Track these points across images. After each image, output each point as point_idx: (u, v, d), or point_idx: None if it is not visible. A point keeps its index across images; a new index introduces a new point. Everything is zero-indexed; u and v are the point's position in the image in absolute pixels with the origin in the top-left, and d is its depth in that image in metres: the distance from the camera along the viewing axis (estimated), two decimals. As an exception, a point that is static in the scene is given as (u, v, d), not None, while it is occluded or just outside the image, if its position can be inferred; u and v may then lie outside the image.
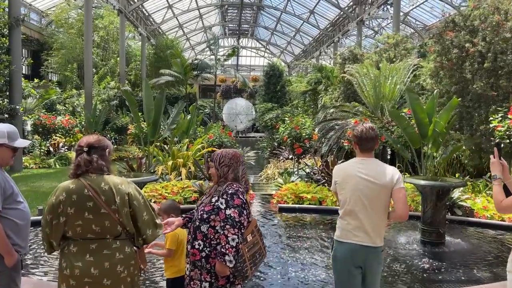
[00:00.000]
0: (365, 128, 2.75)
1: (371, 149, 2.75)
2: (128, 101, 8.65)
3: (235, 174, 2.61)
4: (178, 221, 2.75)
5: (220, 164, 2.63)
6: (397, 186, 2.62)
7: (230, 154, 2.64)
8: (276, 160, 14.81)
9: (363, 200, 2.63)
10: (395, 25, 17.68)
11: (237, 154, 2.65)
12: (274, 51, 46.50)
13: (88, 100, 17.60)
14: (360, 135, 2.73)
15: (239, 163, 2.63)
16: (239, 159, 2.64)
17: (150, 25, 28.99)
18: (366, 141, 2.72)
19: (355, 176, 2.67)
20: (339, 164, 2.87)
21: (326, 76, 19.84)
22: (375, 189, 2.62)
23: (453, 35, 9.25)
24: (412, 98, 7.96)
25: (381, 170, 2.67)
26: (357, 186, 2.65)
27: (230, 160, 2.61)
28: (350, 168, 2.73)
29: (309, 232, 6.00)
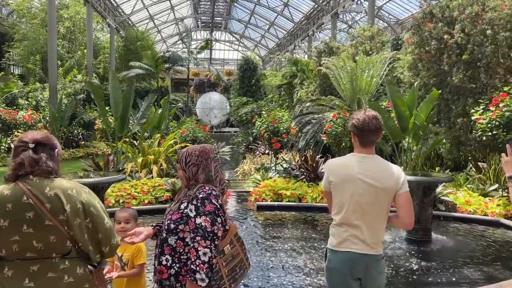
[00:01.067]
0: (368, 117, 2.33)
1: (373, 143, 2.35)
2: (93, 94, 8.04)
3: (206, 174, 2.19)
4: (147, 230, 2.33)
5: (187, 164, 2.21)
6: (402, 190, 2.26)
7: (198, 150, 2.22)
8: (252, 155, 14.44)
9: (363, 206, 2.26)
10: (370, 17, 17.57)
11: (206, 150, 2.23)
12: (248, 45, 45.96)
13: (52, 94, 16.65)
14: (361, 125, 2.30)
15: (210, 160, 2.21)
16: (209, 155, 2.22)
17: (119, 16, 27.88)
18: (368, 133, 2.31)
19: (354, 177, 2.28)
20: (335, 160, 2.45)
21: (302, 70, 19.59)
22: (376, 193, 2.25)
23: (432, 26, 9.09)
24: (393, 90, 7.73)
25: (383, 170, 2.29)
26: (356, 190, 2.27)
27: (198, 158, 2.19)
28: (350, 167, 2.32)
29: (290, 231, 5.65)
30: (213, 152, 2.27)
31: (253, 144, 15.89)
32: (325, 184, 2.46)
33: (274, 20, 35.36)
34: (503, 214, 6.18)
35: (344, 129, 8.97)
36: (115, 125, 8.21)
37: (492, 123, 6.68)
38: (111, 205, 6.43)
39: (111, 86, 8.10)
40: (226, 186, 2.31)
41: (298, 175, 8.13)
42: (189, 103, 31.13)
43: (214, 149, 2.28)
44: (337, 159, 2.46)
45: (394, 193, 2.26)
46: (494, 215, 6.22)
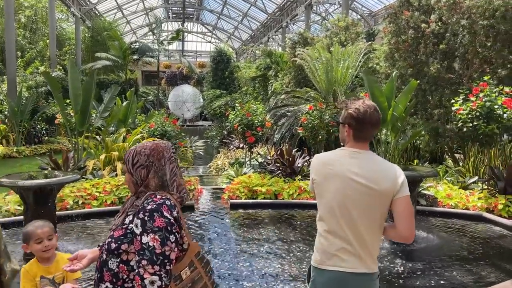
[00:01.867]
0: (369, 107, 1.92)
1: (369, 139, 1.96)
2: (50, 85, 7.36)
3: (159, 178, 1.73)
4: (92, 253, 1.86)
5: (134, 165, 1.73)
6: (401, 194, 1.85)
7: (148, 149, 1.74)
8: (226, 150, 13.96)
9: (352, 211, 1.85)
10: (344, 7, 17.30)
11: (160, 148, 1.76)
12: (221, 37, 45.15)
13: (11, 87, 15.61)
14: (362, 116, 1.89)
15: (164, 161, 1.74)
16: (163, 155, 1.75)
17: (84, 5, 26.60)
18: (369, 126, 1.92)
19: (343, 176, 1.87)
20: (321, 155, 2.02)
21: (276, 62, 19.21)
22: (369, 196, 1.84)
23: (409, 15, 8.83)
24: (371, 81, 7.41)
25: (380, 170, 1.88)
26: (345, 190, 1.86)
27: (148, 158, 1.72)
28: (337, 164, 1.90)
29: (266, 232, 5.23)
30: (169, 151, 1.80)
31: (227, 138, 15.40)
32: (310, 184, 2.04)
33: (247, 11, 34.74)
34: (484, 207, 5.98)
35: (320, 122, 8.63)
36: (75, 119, 7.55)
37: (472, 113, 6.48)
38: (69, 207, 5.83)
39: (70, 77, 7.42)
40: (186, 193, 1.85)
41: (274, 170, 7.72)
42: (161, 96, 30.22)
43: (172, 146, 1.75)
44: (324, 154, 2.02)
45: (392, 197, 1.85)
46: (476, 209, 6.01)
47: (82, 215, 5.75)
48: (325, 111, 8.91)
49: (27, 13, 22.91)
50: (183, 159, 13.11)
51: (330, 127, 8.67)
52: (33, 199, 3.94)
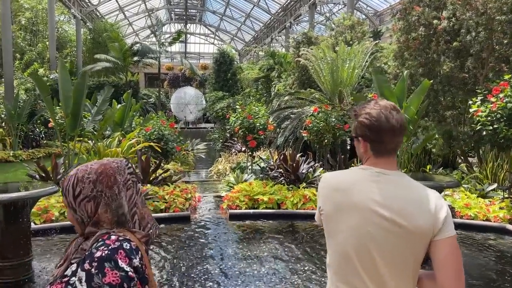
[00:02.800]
0: (385, 108, 1.39)
1: (394, 150, 1.43)
2: (38, 87, 6.93)
3: (113, 212, 1.25)
4: None
5: (76, 198, 1.25)
6: (444, 234, 1.32)
7: (94, 173, 1.25)
8: (228, 153, 13.49)
9: (375, 257, 1.34)
10: (350, 6, 16.82)
11: (109, 169, 1.27)
12: (224, 38, 44.75)
13: (8, 89, 15.25)
14: (376, 122, 1.37)
15: (117, 187, 1.26)
16: (116, 178, 1.27)
17: (85, 7, 26.26)
18: (387, 134, 1.38)
19: (363, 207, 1.36)
20: (334, 174, 1.51)
21: (279, 62, 18.78)
22: (398, 236, 1.32)
23: (420, 11, 8.32)
24: (380, 80, 6.93)
25: (413, 198, 1.36)
26: (364, 228, 1.35)
27: (95, 186, 1.24)
28: (354, 189, 1.39)
29: (268, 247, 4.74)
30: (124, 172, 1.32)
31: (229, 141, 14.94)
32: (317, 214, 1.55)
33: (250, 11, 34.32)
34: (507, 218, 5.46)
35: (326, 124, 8.14)
36: (66, 123, 7.11)
37: (492, 115, 5.97)
38: (54, 218, 5.38)
39: (60, 78, 6.98)
40: (155, 227, 1.36)
41: (276, 177, 7.24)
42: (163, 98, 29.83)
43: (128, 164, 1.22)
44: (336, 174, 1.51)
45: (430, 238, 1.33)
46: (498, 220, 5.49)
47: (67, 228, 5.28)
48: (331, 113, 8.41)
49: (27, 15, 22.60)
50: (184, 162, 12.66)
51: (336, 130, 8.18)
52: (3, 216, 3.48)
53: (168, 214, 5.86)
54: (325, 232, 1.47)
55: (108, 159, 1.34)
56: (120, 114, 9.44)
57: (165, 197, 6.14)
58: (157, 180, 6.83)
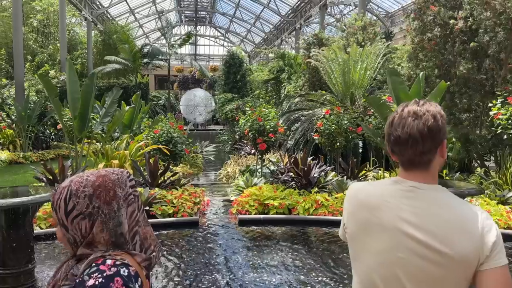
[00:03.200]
0: (413, 113, 1.18)
1: (422, 163, 1.20)
2: (46, 88, 6.84)
3: (111, 232, 1.09)
4: None
5: (69, 215, 1.09)
6: (493, 263, 1.10)
7: (91, 185, 1.09)
8: (237, 156, 13.32)
9: (406, 287, 1.14)
10: (362, 7, 16.58)
11: (109, 181, 1.11)
12: (234, 40, 44.72)
13: (19, 91, 15.27)
14: (395, 131, 1.19)
15: (117, 202, 1.10)
16: (115, 193, 1.11)
17: (96, 9, 26.38)
18: (408, 145, 1.17)
19: (392, 228, 1.17)
20: (358, 187, 1.32)
21: (289, 64, 18.62)
22: (435, 264, 1.12)
23: (436, 10, 8.08)
24: (395, 82, 6.69)
25: (453, 219, 1.14)
26: (394, 253, 1.15)
27: (91, 201, 1.08)
28: (385, 206, 1.20)
29: (279, 256, 4.55)
30: (126, 185, 1.15)
31: (238, 143, 14.78)
32: (340, 231, 1.37)
33: (260, 13, 34.20)
34: (530, 227, 5.20)
35: (338, 127, 7.93)
36: (73, 125, 7.02)
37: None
38: (60, 223, 5.26)
39: (68, 79, 6.90)
40: (158, 249, 1.19)
41: (287, 181, 7.05)
42: (173, 100, 29.81)
43: (129, 176, 1.04)
44: (364, 186, 1.31)
45: (475, 267, 1.11)
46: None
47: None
48: (344, 115, 8.20)
49: (39, 17, 22.75)
50: (193, 165, 12.54)
51: (348, 133, 7.97)
52: (4, 222, 3.36)
53: (176, 218, 5.71)
54: (350, 254, 1.29)
55: (107, 169, 1.18)
56: (129, 116, 9.35)
57: (173, 201, 5.99)
58: (165, 183, 6.70)
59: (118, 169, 1.18)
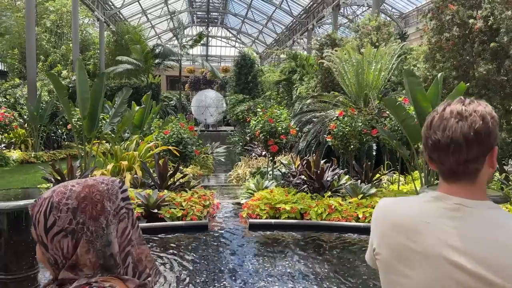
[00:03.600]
0: (457, 114, 0.99)
1: (473, 175, 1.00)
2: (55, 88, 6.77)
3: (98, 253, 0.92)
4: None
5: (48, 231, 0.92)
6: None
7: (75, 197, 0.92)
8: (247, 157, 13.17)
9: None
10: (376, 6, 16.30)
11: (96, 192, 0.94)
12: (245, 41, 44.64)
13: (31, 91, 15.35)
14: (434, 134, 1.01)
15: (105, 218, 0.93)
16: (104, 207, 0.94)
17: (109, 9, 26.51)
18: (444, 152, 0.99)
19: (436, 256, 0.97)
20: (390, 203, 1.12)
21: (301, 65, 18.40)
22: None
23: (455, 9, 7.82)
24: (413, 83, 6.46)
25: (506, 243, 0.94)
26: (438, 284, 0.96)
27: (75, 216, 0.91)
28: (424, 229, 1.00)
29: (290, 263, 4.37)
30: (116, 197, 0.99)
31: (249, 145, 14.62)
32: (368, 253, 1.17)
33: (272, 14, 34.05)
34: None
35: (352, 129, 7.71)
36: (83, 125, 6.93)
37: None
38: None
39: (78, 79, 6.81)
40: (155, 270, 1.03)
41: (299, 184, 6.86)
42: (185, 101, 29.81)
43: (121, 185, 0.86)
44: (398, 203, 1.11)
45: None
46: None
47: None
48: (358, 117, 7.98)
49: (52, 18, 22.93)
50: (204, 166, 12.42)
51: (363, 136, 7.74)
52: (6, 226, 3.24)
53: (184, 222, 5.56)
54: (382, 283, 1.10)
55: (96, 178, 1.01)
56: (139, 117, 9.26)
57: (182, 204, 5.85)
58: (174, 185, 6.56)
59: (109, 178, 1.02)
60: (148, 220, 5.52)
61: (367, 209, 5.76)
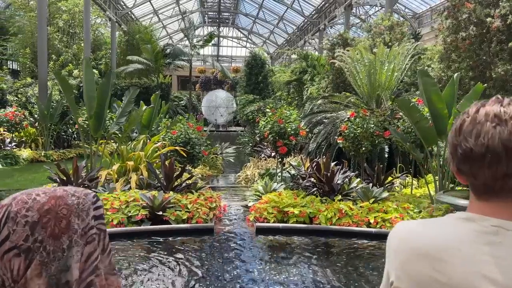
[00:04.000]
0: (495, 116, 0.79)
1: (502, 190, 0.80)
2: (61, 86, 6.69)
3: (51, 280, 0.75)
4: None
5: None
6: None
7: (36, 210, 0.77)
8: (257, 158, 13.00)
9: None
10: (389, 6, 16.01)
11: (63, 207, 0.77)
12: (257, 41, 44.50)
13: (42, 90, 15.41)
14: (466, 141, 0.81)
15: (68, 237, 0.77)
16: (70, 223, 0.78)
17: (120, 9, 26.60)
18: (478, 163, 0.79)
19: (466, 287, 0.77)
20: (411, 228, 0.90)
21: (312, 65, 18.16)
22: None
23: (472, 8, 7.56)
24: (427, 83, 6.22)
25: None
26: None
27: (33, 232, 0.75)
28: (456, 257, 0.80)
29: (299, 270, 4.18)
30: (88, 213, 0.82)
31: (259, 146, 14.46)
32: (383, 285, 0.95)
33: (283, 14, 33.85)
34: None
35: (364, 131, 7.49)
36: (89, 124, 6.85)
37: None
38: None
39: (84, 78, 6.73)
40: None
41: (308, 187, 6.66)
42: (195, 101, 29.78)
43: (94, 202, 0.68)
44: (421, 226, 0.90)
45: None
46: None
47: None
48: (370, 118, 7.76)
49: (64, 17, 23.08)
50: (213, 166, 12.29)
51: (375, 137, 7.51)
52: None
53: (190, 225, 5.42)
54: None
55: (67, 189, 0.85)
56: (147, 116, 9.16)
57: (187, 206, 5.71)
58: (180, 186, 6.43)
59: (82, 190, 0.86)
60: (152, 223, 5.39)
61: (379, 214, 5.55)
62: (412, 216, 5.48)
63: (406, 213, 5.58)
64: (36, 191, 0.82)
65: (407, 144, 6.67)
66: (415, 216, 5.52)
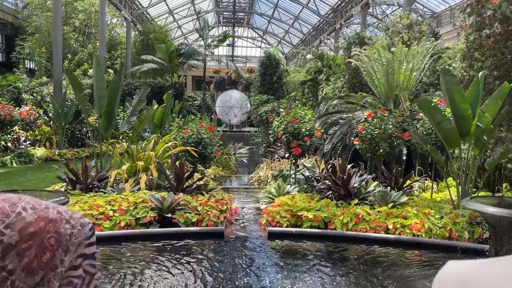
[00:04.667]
0: None
1: None
2: (71, 84, 6.58)
3: None
4: None
5: None
6: None
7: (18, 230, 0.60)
8: (270, 159, 12.78)
9: None
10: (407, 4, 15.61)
11: (51, 234, 0.60)
12: (271, 41, 44.27)
13: (57, 89, 15.49)
14: None
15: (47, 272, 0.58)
16: (54, 255, 0.61)
17: (136, 9, 26.70)
18: None
19: None
20: (463, 267, 0.66)
21: (328, 65, 17.87)
22: None
23: (497, 3, 7.18)
24: (450, 83, 5.90)
25: None
26: None
27: (3, 256, 0.58)
28: None
29: (313, 279, 3.94)
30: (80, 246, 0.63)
31: (272, 146, 14.23)
32: None
33: (298, 13, 33.54)
34: None
35: (382, 132, 7.20)
36: (99, 123, 6.73)
37: None
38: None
39: (95, 75, 6.62)
40: None
41: (323, 190, 6.41)
42: (209, 101, 29.73)
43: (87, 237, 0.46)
44: (478, 271, 0.64)
45: None
46: None
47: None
48: (388, 119, 7.46)
49: (80, 17, 23.26)
50: (226, 167, 12.13)
51: (393, 139, 7.21)
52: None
53: (199, 228, 5.23)
54: None
55: (62, 211, 0.64)
56: (160, 116, 9.03)
57: (197, 208, 5.52)
58: (191, 188, 6.25)
59: (79, 218, 0.66)
60: (161, 225, 5.21)
61: (398, 220, 5.26)
62: (433, 223, 5.18)
63: (426, 218, 5.28)
64: (23, 202, 0.62)
65: (428, 146, 6.36)
66: (437, 222, 5.22)
